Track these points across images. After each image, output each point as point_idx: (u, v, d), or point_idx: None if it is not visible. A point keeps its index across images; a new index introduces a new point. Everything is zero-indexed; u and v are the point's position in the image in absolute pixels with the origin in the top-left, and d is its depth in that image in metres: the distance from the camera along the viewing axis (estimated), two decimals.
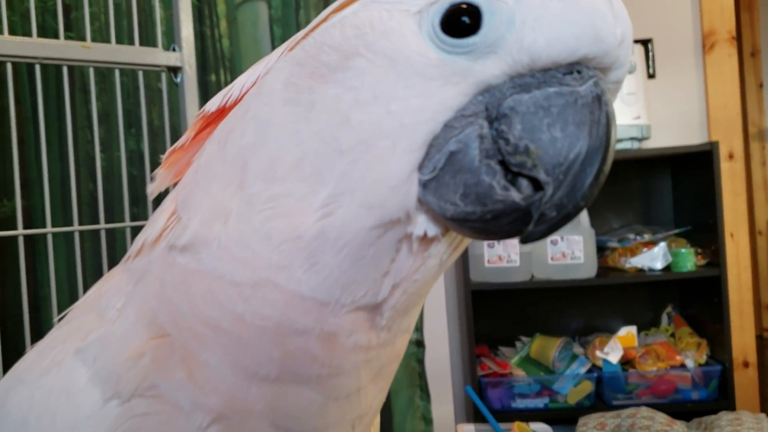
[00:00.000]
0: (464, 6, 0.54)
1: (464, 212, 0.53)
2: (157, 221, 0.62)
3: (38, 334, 1.76)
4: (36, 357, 0.62)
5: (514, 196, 0.53)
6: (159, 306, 0.57)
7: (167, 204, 0.63)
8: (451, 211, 0.53)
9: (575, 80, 0.54)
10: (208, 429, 0.56)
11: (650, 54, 3.16)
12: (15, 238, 1.63)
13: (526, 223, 0.53)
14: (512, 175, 0.54)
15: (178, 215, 0.60)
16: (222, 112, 0.65)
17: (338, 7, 0.61)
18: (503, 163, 0.54)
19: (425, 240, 0.56)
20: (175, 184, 0.67)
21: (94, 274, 1.80)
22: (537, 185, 0.53)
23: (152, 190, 0.67)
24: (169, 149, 0.68)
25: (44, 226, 1.69)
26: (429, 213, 0.55)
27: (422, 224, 0.55)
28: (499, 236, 0.56)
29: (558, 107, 0.53)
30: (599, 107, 0.54)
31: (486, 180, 0.53)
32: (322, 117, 0.55)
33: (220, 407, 0.55)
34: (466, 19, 0.54)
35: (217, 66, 2.18)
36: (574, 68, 0.54)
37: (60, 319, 0.68)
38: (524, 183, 0.53)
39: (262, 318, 0.54)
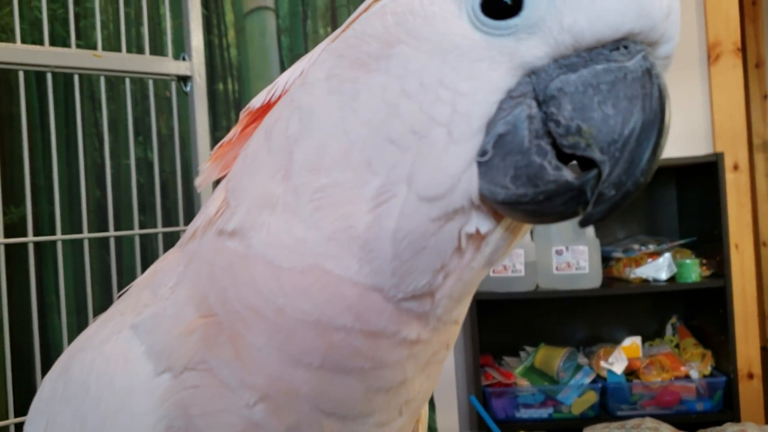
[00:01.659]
0: None
1: (516, 195, 0.52)
2: (208, 208, 0.64)
3: (45, 340, 1.77)
4: (98, 327, 0.65)
5: (567, 175, 0.52)
6: (208, 287, 0.59)
7: (218, 192, 0.64)
8: (502, 194, 0.52)
9: (623, 56, 0.53)
10: (255, 407, 0.57)
11: None
12: (22, 244, 1.63)
13: (580, 204, 0.52)
14: (565, 157, 0.53)
15: (228, 202, 0.61)
16: (267, 108, 0.65)
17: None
18: (554, 146, 0.53)
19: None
20: (220, 180, 0.68)
21: (100, 281, 1.81)
22: (591, 166, 0.52)
23: (199, 182, 0.69)
24: (218, 145, 0.69)
25: (51, 233, 1.70)
26: (484, 201, 0.53)
27: (479, 213, 0.54)
28: (553, 218, 0.55)
29: (607, 84, 0.52)
30: (650, 80, 0.52)
31: (537, 160, 0.52)
32: (368, 106, 0.55)
33: (266, 387, 0.57)
34: (507, 0, 0.54)
35: (225, 75, 2.19)
36: (621, 44, 0.53)
37: (120, 296, 0.73)
38: (575, 164, 0.53)
39: (301, 312, 0.55)
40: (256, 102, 0.66)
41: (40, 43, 1.67)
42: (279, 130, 0.60)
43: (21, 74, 1.64)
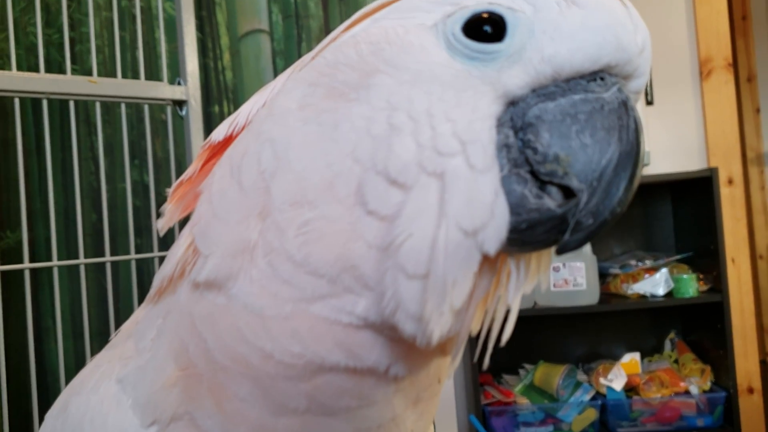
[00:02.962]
0: (486, 15, 0.54)
1: None
2: (174, 256, 0.61)
3: (41, 365, 1.76)
4: (91, 371, 0.66)
5: (549, 203, 0.51)
6: (188, 339, 0.58)
7: (183, 238, 0.62)
8: None
9: (600, 87, 0.53)
10: None
11: (648, 81, 3.19)
12: (18, 269, 1.63)
13: (561, 232, 0.52)
14: (541, 184, 0.52)
15: (198, 249, 0.59)
16: (228, 141, 0.63)
17: (347, 27, 0.60)
18: (532, 174, 0.52)
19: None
20: (185, 218, 0.65)
21: (97, 305, 1.80)
22: (568, 194, 0.52)
23: (161, 226, 0.66)
24: (176, 182, 0.66)
25: (47, 258, 1.70)
26: None
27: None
28: (534, 247, 0.53)
29: (585, 114, 0.52)
30: (626, 112, 0.53)
31: (517, 189, 0.51)
32: (350, 137, 0.53)
33: None
34: (488, 28, 0.54)
35: (221, 98, 2.20)
36: (597, 75, 0.54)
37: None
38: (554, 191, 0.52)
39: (291, 356, 0.53)
40: (217, 135, 0.63)
41: (36, 68, 1.68)
42: (249, 165, 0.57)
43: (17, 101, 1.65)
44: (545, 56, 0.53)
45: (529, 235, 0.52)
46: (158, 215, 1.97)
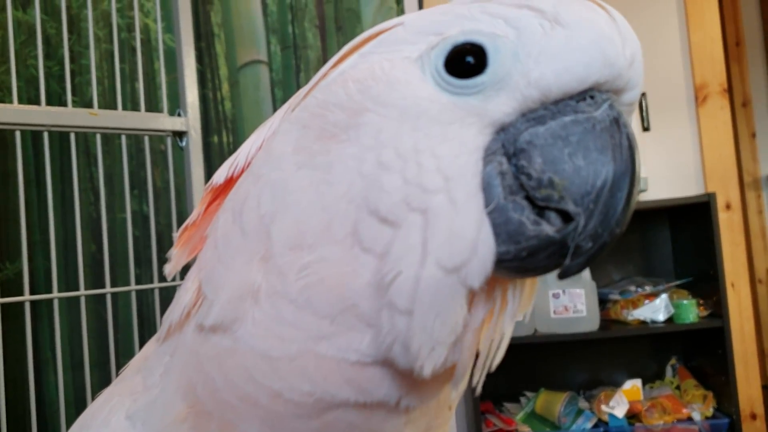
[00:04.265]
0: (467, 46, 0.54)
1: (498, 253, 0.51)
2: (181, 300, 0.62)
3: (40, 396, 1.74)
4: (100, 406, 0.66)
5: (547, 229, 0.51)
6: (195, 378, 0.58)
7: (190, 282, 0.62)
8: None
9: (590, 106, 0.53)
10: None
11: (644, 107, 3.21)
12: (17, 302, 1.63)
13: (563, 256, 0.51)
14: (538, 209, 0.52)
15: (204, 293, 0.59)
16: (230, 183, 0.63)
17: (336, 62, 0.59)
18: (529, 199, 0.52)
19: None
20: (190, 263, 0.66)
21: (96, 337, 1.80)
22: (565, 217, 0.51)
23: (169, 271, 0.66)
24: (182, 227, 0.66)
25: (47, 288, 1.69)
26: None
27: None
28: (536, 273, 0.53)
29: (577, 135, 0.52)
30: (618, 130, 0.52)
31: (515, 217, 0.51)
32: (343, 178, 0.53)
33: None
34: (470, 59, 0.53)
35: (220, 128, 2.21)
36: (587, 94, 0.53)
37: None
38: (552, 216, 0.52)
39: (300, 394, 0.53)
40: (219, 177, 0.64)
41: (36, 100, 1.69)
42: (250, 209, 0.57)
43: (17, 133, 1.66)
44: (531, 80, 0.52)
45: (531, 262, 0.52)
46: (158, 245, 1.96)
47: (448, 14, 0.55)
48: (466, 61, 0.53)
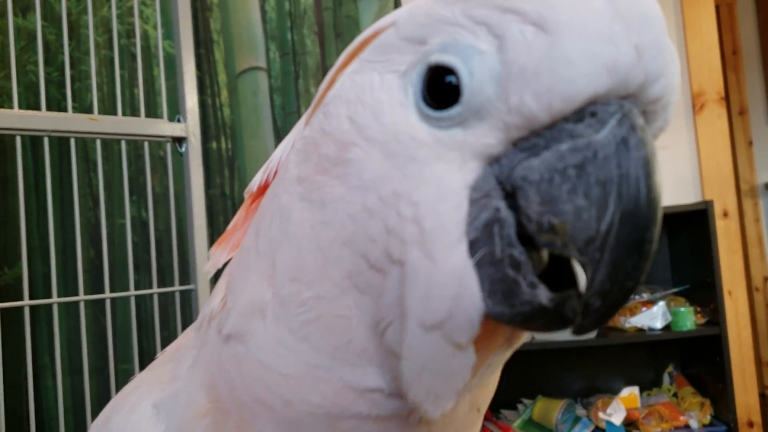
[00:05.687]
0: (444, 67, 0.46)
1: (495, 312, 0.44)
2: (214, 298, 0.62)
3: (39, 402, 1.74)
4: (130, 391, 0.66)
5: (541, 296, 0.44)
6: (217, 375, 0.58)
7: (222, 283, 0.62)
8: (484, 311, 0.45)
9: (590, 127, 0.43)
10: None
11: None
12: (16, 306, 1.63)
13: (563, 323, 0.44)
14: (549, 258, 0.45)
15: (226, 299, 0.59)
16: (265, 188, 0.62)
17: (341, 66, 0.55)
18: (532, 247, 0.45)
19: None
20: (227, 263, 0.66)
21: (95, 342, 1.80)
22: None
23: (207, 269, 0.66)
24: (226, 231, 0.67)
25: (45, 293, 1.69)
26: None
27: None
28: (543, 332, 0.47)
29: (575, 167, 0.43)
30: (628, 154, 0.42)
31: (511, 274, 0.44)
32: (336, 220, 0.49)
33: None
34: (452, 78, 0.46)
35: (219, 134, 2.22)
36: (587, 111, 0.43)
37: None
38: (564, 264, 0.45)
39: (311, 405, 0.52)
40: (254, 183, 0.63)
41: (36, 105, 1.69)
42: (264, 229, 0.56)
43: (18, 138, 1.66)
44: (512, 106, 0.44)
45: (529, 326, 0.46)
46: (157, 250, 1.95)
47: (433, 16, 0.48)
48: (446, 82, 0.46)
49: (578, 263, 0.44)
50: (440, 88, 0.46)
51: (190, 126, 1.88)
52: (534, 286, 0.44)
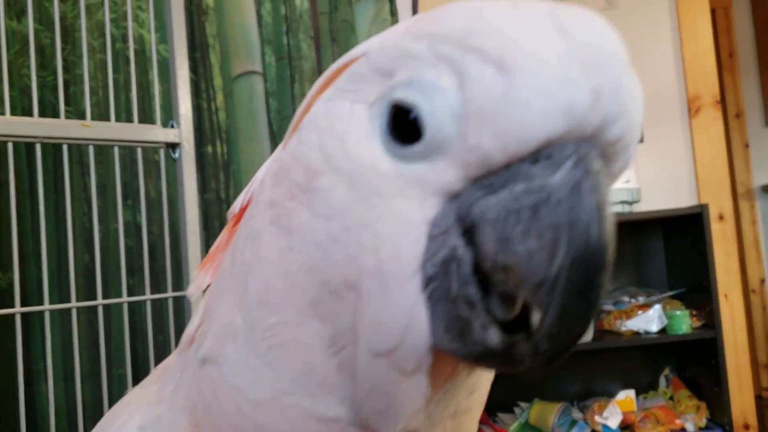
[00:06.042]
0: (406, 104, 0.46)
1: (450, 349, 0.45)
2: (193, 321, 0.62)
3: (31, 408, 1.73)
4: (121, 408, 0.66)
5: (491, 338, 0.44)
6: (196, 399, 0.58)
7: (201, 306, 0.63)
8: (440, 345, 0.45)
9: (546, 169, 0.42)
10: None
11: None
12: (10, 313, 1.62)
13: (516, 364, 0.45)
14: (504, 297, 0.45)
15: (203, 322, 0.59)
16: (245, 209, 0.61)
17: (317, 92, 0.54)
18: (487, 286, 0.45)
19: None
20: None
21: (88, 347, 1.79)
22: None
23: (190, 292, 0.66)
24: (208, 252, 0.67)
25: (39, 299, 1.69)
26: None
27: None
28: (496, 371, 0.49)
29: (529, 209, 0.42)
30: (580, 199, 0.42)
31: (464, 314, 0.44)
32: (302, 248, 0.50)
33: None
34: (415, 114, 0.45)
35: (214, 138, 2.21)
36: (542, 153, 0.42)
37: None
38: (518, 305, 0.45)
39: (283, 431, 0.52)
40: (236, 205, 0.62)
41: (29, 109, 1.69)
42: (238, 252, 0.56)
43: (10, 145, 1.66)
44: (470, 145, 0.43)
45: (483, 364, 0.47)
46: (150, 255, 1.94)
47: (401, 49, 0.48)
48: (411, 118, 0.45)
49: (531, 305, 0.43)
50: (404, 124, 0.46)
51: (184, 132, 1.88)
52: (485, 328, 0.44)
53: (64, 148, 1.74)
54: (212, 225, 2.08)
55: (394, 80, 0.47)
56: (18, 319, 1.58)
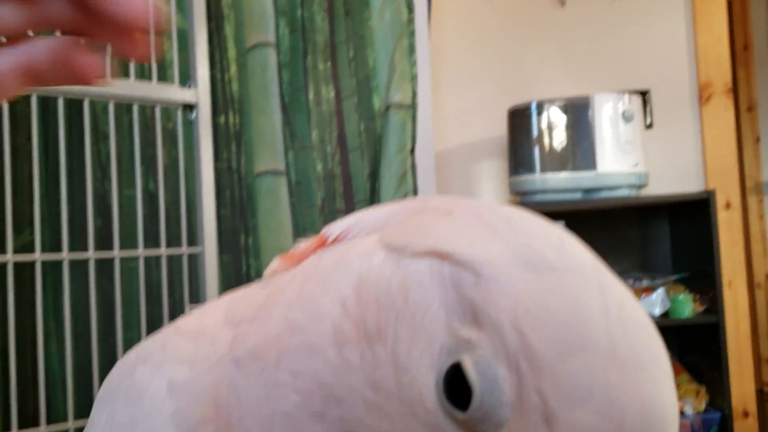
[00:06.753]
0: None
1: None
2: (241, 303, 0.60)
3: (45, 367, 1.76)
4: (156, 347, 0.63)
5: None
6: (225, 391, 0.56)
7: (252, 299, 0.59)
8: None
9: None
10: None
11: (648, 105, 3.24)
12: (27, 265, 1.66)
13: None
14: None
15: (244, 325, 0.57)
16: (336, 240, 0.55)
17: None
18: None
19: None
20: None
21: (103, 303, 1.83)
22: None
23: (266, 273, 0.62)
24: (294, 251, 0.64)
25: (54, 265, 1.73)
26: None
27: None
28: None
29: None
30: None
31: None
32: (303, 387, 0.47)
33: None
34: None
35: (227, 108, 2.24)
36: None
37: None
38: None
39: None
40: (332, 231, 0.55)
41: None
42: (285, 303, 0.52)
43: (34, 99, 1.70)
44: None
45: None
46: (166, 220, 1.95)
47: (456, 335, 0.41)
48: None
49: None
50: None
51: (201, 93, 1.91)
52: None
53: (85, 104, 1.78)
54: (223, 195, 2.11)
55: (459, 342, 0.39)
56: (38, 268, 1.62)
